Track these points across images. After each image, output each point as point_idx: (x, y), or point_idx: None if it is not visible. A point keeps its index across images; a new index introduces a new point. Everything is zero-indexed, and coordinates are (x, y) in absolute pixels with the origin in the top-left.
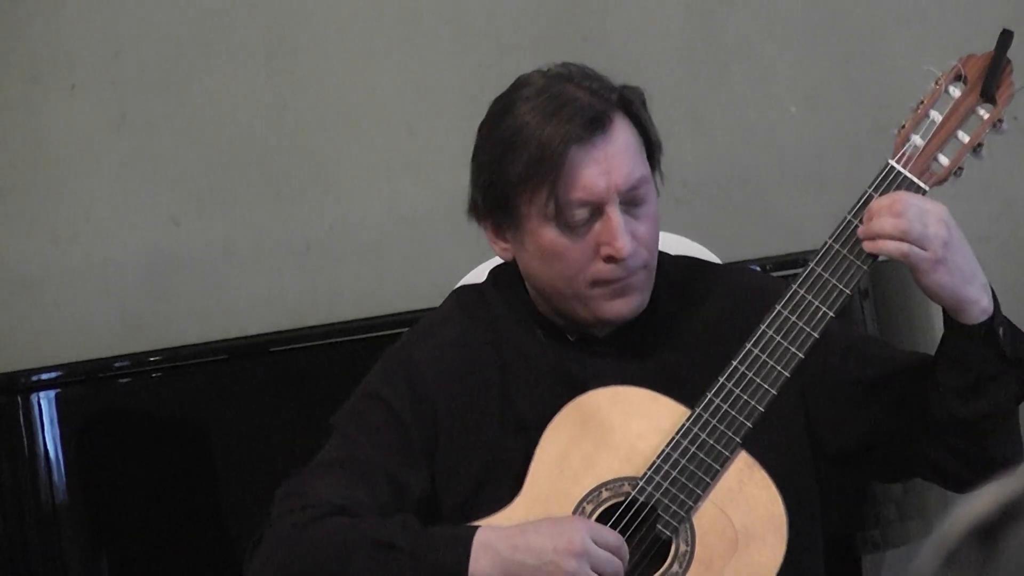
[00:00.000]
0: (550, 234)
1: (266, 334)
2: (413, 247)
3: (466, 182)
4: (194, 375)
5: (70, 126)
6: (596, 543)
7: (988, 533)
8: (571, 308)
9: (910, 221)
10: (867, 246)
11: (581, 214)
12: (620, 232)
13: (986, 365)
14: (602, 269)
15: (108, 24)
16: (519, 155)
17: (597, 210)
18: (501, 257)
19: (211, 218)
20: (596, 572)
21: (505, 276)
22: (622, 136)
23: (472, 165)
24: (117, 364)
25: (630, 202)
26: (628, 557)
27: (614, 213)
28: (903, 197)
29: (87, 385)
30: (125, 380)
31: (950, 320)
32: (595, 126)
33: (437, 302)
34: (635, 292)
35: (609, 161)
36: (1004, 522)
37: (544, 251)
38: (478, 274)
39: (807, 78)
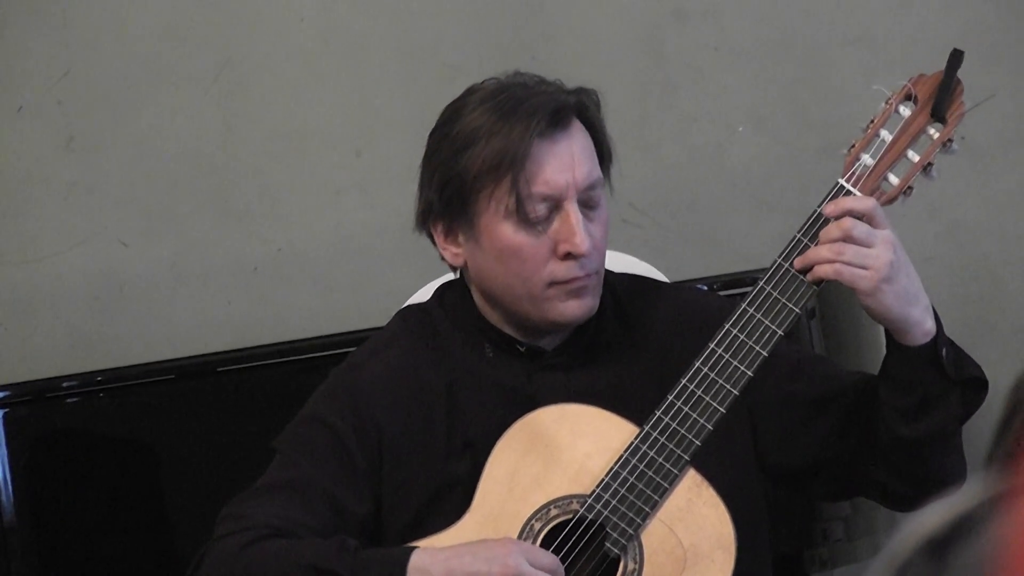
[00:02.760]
0: (508, 231)
1: (213, 354)
2: (360, 268)
3: (413, 204)
4: (141, 395)
5: (17, 147)
6: (532, 565)
7: (938, 548)
8: (523, 311)
9: (855, 240)
10: (808, 277)
11: (541, 209)
12: (580, 228)
13: (929, 386)
14: (559, 268)
15: (56, 45)
16: (479, 151)
17: (556, 206)
18: (451, 263)
19: (159, 239)
20: None
21: (451, 294)
22: (580, 137)
23: (423, 170)
24: (65, 384)
25: (586, 203)
26: None
27: (573, 210)
28: (864, 205)
29: (34, 405)
30: (72, 400)
31: (893, 342)
32: (557, 121)
33: (384, 322)
34: (588, 295)
35: (570, 157)
36: (954, 538)
37: (501, 249)
38: (424, 294)
39: (755, 98)
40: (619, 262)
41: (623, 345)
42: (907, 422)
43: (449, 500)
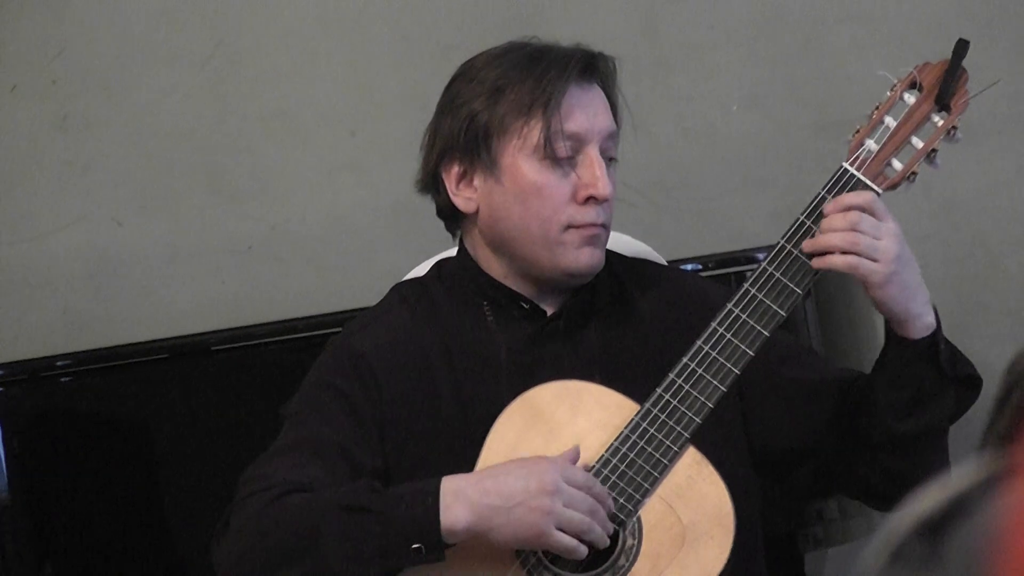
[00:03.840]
0: (532, 168)
1: (207, 333)
2: (354, 247)
3: (409, 183)
4: (135, 374)
5: (11, 127)
6: (567, 483)
7: (934, 530)
8: (535, 256)
9: (863, 233)
10: (815, 263)
11: (567, 148)
12: (603, 172)
13: (924, 382)
14: (578, 212)
15: (50, 24)
16: (512, 91)
17: (580, 149)
18: (462, 208)
19: (153, 218)
20: (570, 510)
21: (449, 266)
22: (602, 94)
23: (439, 115)
24: (59, 363)
25: (604, 152)
26: (603, 494)
27: (596, 155)
28: (862, 200)
29: (29, 384)
30: (67, 379)
31: (893, 334)
32: (587, 71)
33: (376, 301)
34: (599, 246)
35: (596, 106)
36: (949, 519)
37: (524, 187)
38: (419, 272)
39: (749, 77)
40: (614, 240)
41: (620, 316)
42: (900, 417)
43: (445, 468)
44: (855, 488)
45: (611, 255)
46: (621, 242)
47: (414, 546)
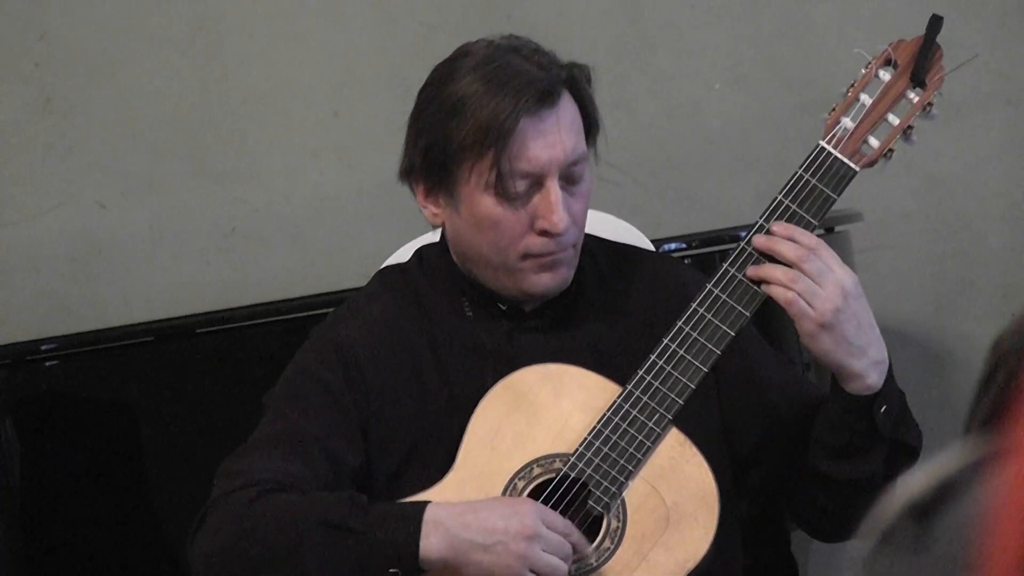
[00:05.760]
0: (487, 202)
1: (192, 315)
2: (338, 229)
3: (392, 164)
4: (120, 357)
5: None
6: (547, 527)
7: (923, 512)
8: (497, 280)
9: (805, 274)
10: (762, 288)
11: (522, 185)
12: (558, 206)
13: (856, 435)
14: (535, 242)
15: (32, 7)
16: (465, 122)
17: (537, 182)
18: (430, 223)
19: (137, 201)
20: (546, 555)
21: (431, 254)
22: (568, 112)
23: (409, 127)
24: (44, 347)
25: (567, 178)
26: (581, 542)
27: (554, 187)
28: (809, 241)
29: (13, 368)
30: (51, 363)
31: (834, 381)
32: (545, 99)
33: (363, 282)
34: (562, 267)
35: (555, 135)
36: (938, 501)
37: (479, 219)
38: (403, 255)
39: (732, 56)
40: (598, 221)
41: (602, 308)
42: (829, 459)
43: (431, 456)
44: (794, 515)
45: (593, 242)
46: (606, 223)
47: (391, 570)
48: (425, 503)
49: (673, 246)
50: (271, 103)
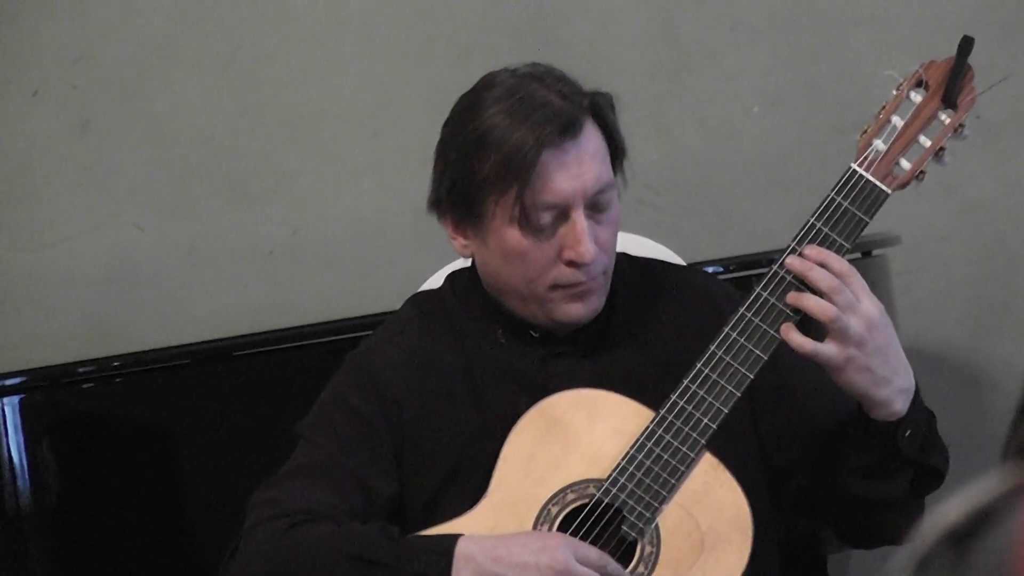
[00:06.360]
0: (514, 235)
1: (230, 338)
2: (376, 250)
3: (428, 185)
4: (158, 380)
5: (32, 132)
6: (579, 560)
7: (961, 539)
8: (527, 309)
9: (837, 306)
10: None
11: (547, 217)
12: (585, 237)
13: (881, 457)
14: (563, 273)
15: (70, 29)
16: (488, 156)
17: (563, 214)
18: (460, 253)
19: (175, 223)
20: None
21: (462, 280)
22: (592, 141)
23: (436, 160)
24: (81, 369)
25: (594, 207)
26: (617, 570)
27: (580, 218)
28: (841, 267)
29: (51, 391)
30: (89, 385)
31: (859, 405)
32: (567, 131)
33: (399, 305)
34: (593, 296)
35: (579, 166)
36: (976, 528)
37: (506, 251)
38: (438, 280)
39: (769, 79)
40: (634, 244)
41: (635, 332)
42: (856, 477)
43: (466, 483)
44: (823, 516)
45: (625, 261)
46: (640, 245)
47: None
48: (456, 536)
49: (711, 269)
50: (309, 125)
